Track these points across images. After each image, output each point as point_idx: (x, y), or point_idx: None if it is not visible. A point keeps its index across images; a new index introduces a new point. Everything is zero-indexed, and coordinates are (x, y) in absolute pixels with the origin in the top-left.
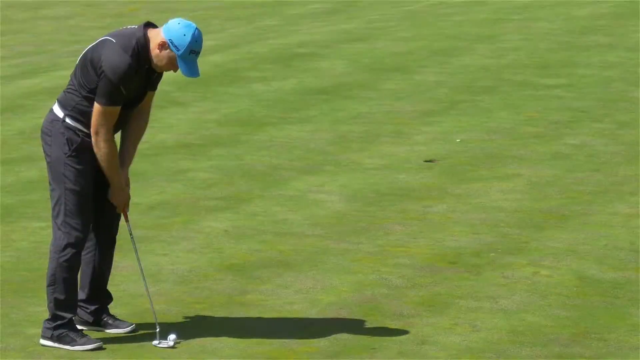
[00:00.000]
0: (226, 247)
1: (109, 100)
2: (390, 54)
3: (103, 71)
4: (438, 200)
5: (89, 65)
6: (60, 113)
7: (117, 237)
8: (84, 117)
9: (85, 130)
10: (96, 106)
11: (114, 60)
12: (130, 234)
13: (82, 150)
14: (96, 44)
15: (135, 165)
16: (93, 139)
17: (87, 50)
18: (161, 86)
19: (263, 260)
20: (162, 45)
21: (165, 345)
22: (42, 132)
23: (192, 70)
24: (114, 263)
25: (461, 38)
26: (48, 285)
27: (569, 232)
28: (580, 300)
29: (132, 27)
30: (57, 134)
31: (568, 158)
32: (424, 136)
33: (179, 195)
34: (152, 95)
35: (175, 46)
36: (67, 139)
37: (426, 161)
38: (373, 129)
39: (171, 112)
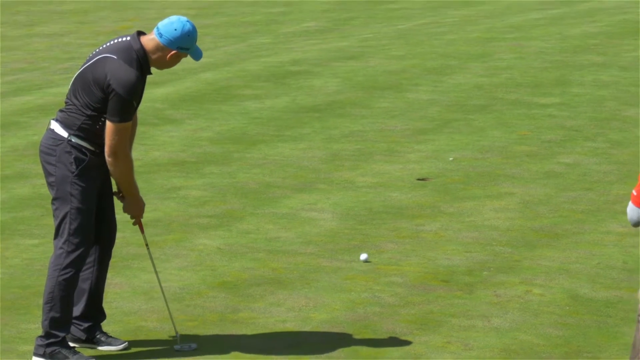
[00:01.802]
0: (219, 265)
1: (123, 116)
2: (383, 72)
3: (113, 89)
4: (431, 218)
5: (93, 85)
6: (64, 133)
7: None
8: (90, 135)
9: (91, 148)
10: (110, 126)
11: (122, 77)
12: (147, 245)
13: (88, 168)
14: (94, 62)
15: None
16: (110, 160)
17: (85, 69)
18: (154, 104)
19: (256, 278)
20: (175, 56)
21: (188, 349)
22: (44, 152)
23: (199, 53)
24: (106, 280)
25: (454, 57)
26: (45, 303)
27: (562, 251)
28: (572, 319)
29: (124, 38)
30: (62, 153)
31: (561, 177)
32: (416, 154)
33: (171, 213)
34: None
35: (186, 48)
36: (74, 158)
37: (419, 179)
38: (366, 147)
39: (164, 130)
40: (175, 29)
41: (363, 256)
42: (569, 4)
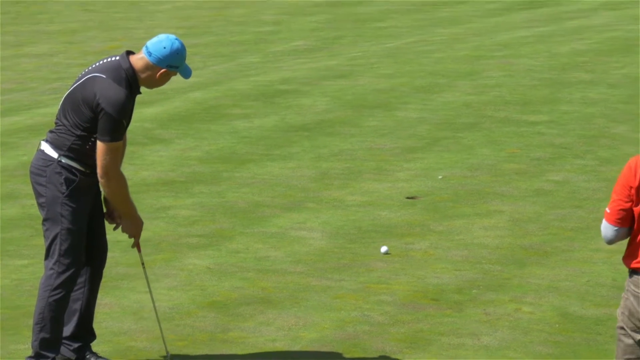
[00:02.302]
0: (208, 285)
1: (114, 136)
2: (372, 90)
3: (102, 109)
4: (420, 237)
5: (82, 105)
6: (54, 154)
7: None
8: (80, 155)
9: (81, 168)
10: (101, 146)
11: (112, 96)
12: (143, 264)
13: (79, 189)
14: (83, 82)
15: None
16: (103, 181)
17: (75, 89)
18: (143, 123)
19: (245, 298)
20: (165, 74)
21: None
22: (34, 173)
23: (188, 71)
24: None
25: (443, 75)
26: (35, 324)
27: (551, 269)
28: (562, 336)
29: (113, 58)
30: (52, 174)
31: (550, 194)
32: (406, 173)
33: (161, 233)
34: None
35: (175, 66)
36: (64, 179)
37: (408, 198)
38: (355, 165)
39: (153, 150)
40: (164, 47)
41: (384, 249)
42: (558, 21)
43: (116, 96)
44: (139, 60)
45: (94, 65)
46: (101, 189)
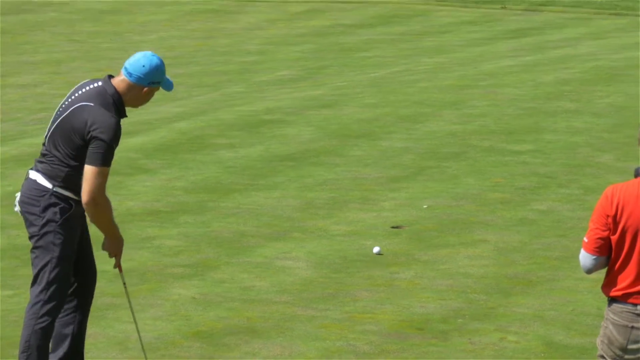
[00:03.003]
0: (193, 314)
1: (105, 161)
2: (357, 120)
3: (95, 136)
4: (405, 266)
5: (74, 134)
6: (48, 184)
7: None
8: (74, 185)
9: (75, 197)
10: (91, 170)
11: (104, 122)
12: (124, 284)
13: (72, 217)
14: (72, 111)
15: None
16: (91, 208)
17: (63, 120)
18: (128, 153)
19: (230, 327)
20: (148, 92)
21: None
22: (26, 203)
23: (169, 83)
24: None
25: (427, 104)
26: (21, 352)
27: (536, 298)
28: None
29: (96, 84)
30: (47, 204)
31: (535, 224)
32: (390, 202)
33: (146, 263)
34: None
35: (157, 82)
36: (59, 209)
37: (393, 227)
38: (340, 195)
39: (138, 180)
40: (144, 66)
41: (376, 249)
42: (542, 50)
43: (108, 122)
44: (120, 82)
45: (78, 94)
46: (86, 212)
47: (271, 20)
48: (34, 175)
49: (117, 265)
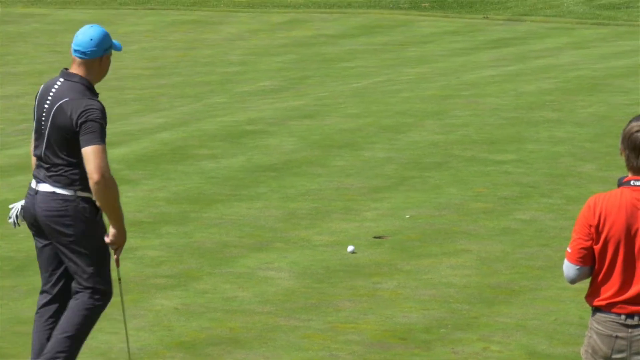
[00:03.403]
0: (176, 325)
1: (102, 138)
2: (339, 130)
3: (83, 121)
4: (388, 276)
5: (64, 135)
6: (69, 192)
7: None
8: (88, 184)
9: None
10: (94, 149)
11: (87, 106)
12: (119, 279)
13: (99, 213)
14: (53, 115)
15: None
16: (102, 185)
17: (50, 128)
18: (110, 164)
19: (213, 338)
20: (106, 60)
21: None
22: (53, 216)
23: (117, 44)
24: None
25: (409, 114)
26: (70, 341)
27: (519, 307)
28: None
29: (57, 82)
30: (75, 211)
31: (517, 233)
32: (373, 212)
33: (128, 273)
34: None
35: (109, 47)
36: (88, 211)
37: (376, 237)
38: (322, 205)
39: (120, 190)
40: (91, 39)
41: (350, 248)
42: (524, 60)
43: (90, 104)
44: (79, 67)
45: (50, 98)
46: (94, 194)
47: (253, 30)
48: (48, 187)
49: (117, 258)
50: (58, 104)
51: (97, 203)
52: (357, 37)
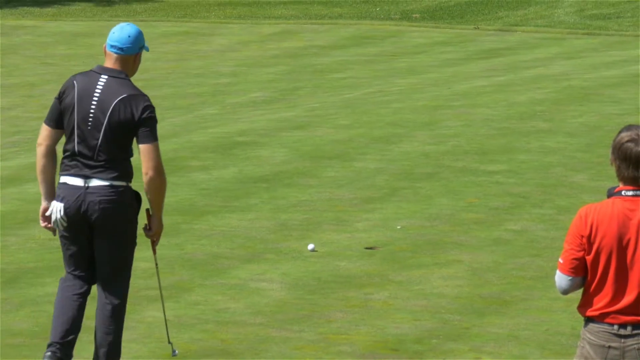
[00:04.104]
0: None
1: (157, 136)
2: (330, 141)
3: (145, 118)
4: (379, 287)
5: (124, 129)
6: (123, 183)
7: None
8: (131, 176)
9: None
10: (152, 147)
11: (146, 103)
12: (156, 264)
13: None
14: (112, 112)
15: None
16: (158, 181)
17: (109, 125)
18: None
19: (205, 350)
20: (139, 57)
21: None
22: (111, 207)
23: (146, 45)
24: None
25: (401, 125)
26: (113, 342)
27: (511, 318)
28: None
29: (102, 77)
30: (130, 201)
31: (509, 244)
32: (364, 223)
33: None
34: None
35: (143, 45)
36: (136, 202)
37: (367, 248)
38: (314, 216)
39: None
40: (129, 36)
41: (310, 246)
42: (515, 70)
43: (148, 102)
44: (117, 62)
45: (97, 94)
46: (149, 189)
47: (244, 42)
48: (102, 181)
49: (154, 246)
50: (118, 100)
51: (148, 196)
52: (348, 48)
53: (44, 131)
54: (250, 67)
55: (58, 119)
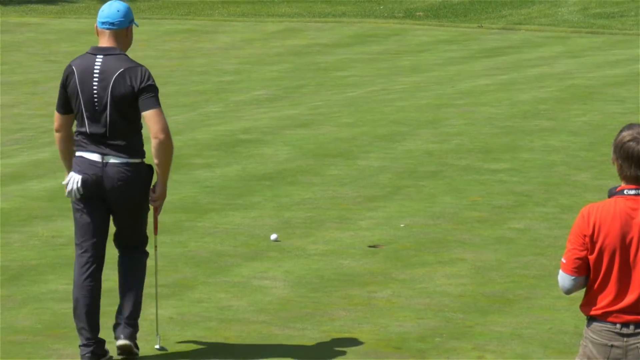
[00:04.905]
0: (171, 334)
1: (159, 101)
2: (334, 139)
3: (144, 87)
4: (382, 285)
5: (128, 103)
6: (137, 159)
7: None
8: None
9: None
10: (157, 111)
11: (143, 73)
12: (155, 244)
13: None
14: (112, 88)
15: None
16: (166, 143)
17: (113, 102)
18: None
19: (208, 347)
20: (131, 31)
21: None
22: (128, 182)
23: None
24: (59, 351)
25: (404, 123)
26: (137, 302)
27: (514, 316)
28: None
29: (98, 57)
30: (145, 174)
31: (512, 242)
32: (368, 221)
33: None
34: None
35: (132, 19)
36: (150, 175)
37: (370, 246)
38: (317, 214)
39: None
40: (118, 10)
41: (273, 236)
42: (519, 69)
43: (144, 71)
44: (109, 38)
45: (97, 75)
46: (158, 153)
47: (247, 39)
48: (118, 158)
49: (156, 215)
50: (115, 76)
51: (156, 160)
52: (352, 46)
53: (58, 119)
54: (254, 65)
55: (66, 105)
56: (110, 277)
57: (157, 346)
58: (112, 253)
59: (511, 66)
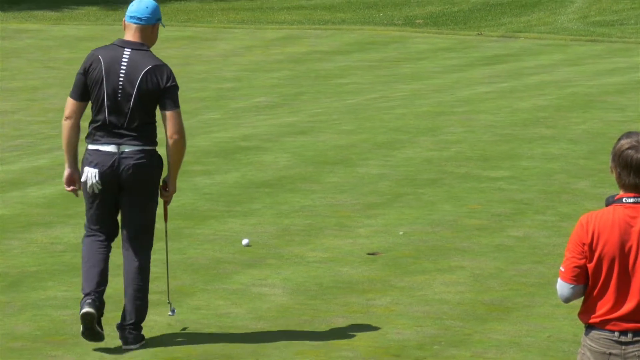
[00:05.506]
0: (169, 341)
1: (179, 102)
2: (333, 147)
3: (169, 86)
4: (381, 293)
5: (151, 98)
6: (152, 147)
7: None
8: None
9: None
10: (176, 113)
11: (169, 73)
12: (165, 229)
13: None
14: (140, 83)
15: (79, 261)
16: (181, 144)
17: (138, 94)
18: None
19: (206, 355)
20: (157, 28)
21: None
22: (143, 170)
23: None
24: (56, 359)
25: (404, 131)
26: (141, 297)
27: (512, 324)
28: None
29: (126, 50)
30: (158, 163)
31: (511, 250)
32: (367, 229)
33: (121, 290)
34: None
35: (160, 17)
36: (162, 164)
37: (369, 254)
38: (316, 222)
39: None
40: (147, 7)
41: (245, 241)
42: (518, 77)
43: (170, 71)
44: (136, 33)
45: (124, 69)
46: (173, 151)
47: (247, 46)
48: (135, 147)
49: (166, 208)
50: (144, 72)
51: (170, 158)
52: (351, 53)
53: (71, 105)
54: (254, 72)
55: (84, 92)
56: (112, 285)
57: (170, 313)
58: (115, 260)
59: (511, 74)
